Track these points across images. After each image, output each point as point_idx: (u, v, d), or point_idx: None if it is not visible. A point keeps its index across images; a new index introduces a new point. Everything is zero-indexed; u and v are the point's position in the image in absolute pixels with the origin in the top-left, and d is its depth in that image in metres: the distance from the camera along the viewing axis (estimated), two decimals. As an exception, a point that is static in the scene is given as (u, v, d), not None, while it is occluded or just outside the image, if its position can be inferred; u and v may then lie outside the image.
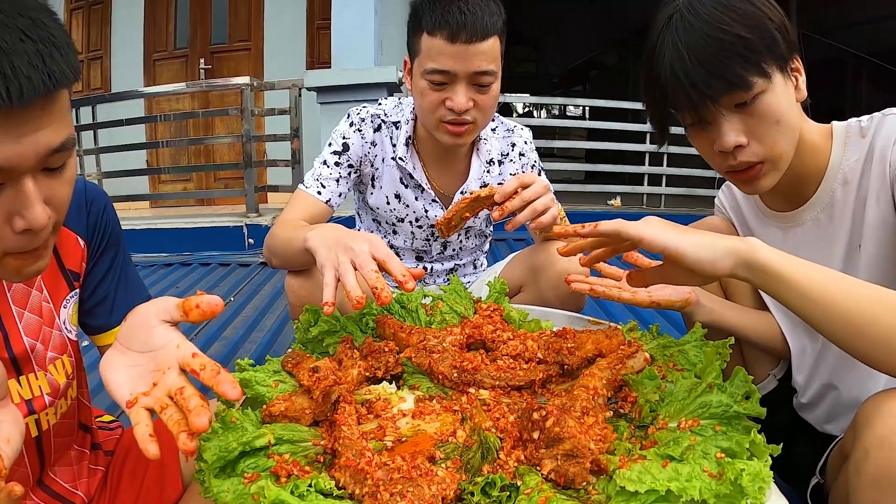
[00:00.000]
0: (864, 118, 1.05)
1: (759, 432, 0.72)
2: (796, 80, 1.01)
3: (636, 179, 5.95)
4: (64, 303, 0.96)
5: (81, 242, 0.98)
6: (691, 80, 0.95)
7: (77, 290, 0.98)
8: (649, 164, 5.79)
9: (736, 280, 1.26)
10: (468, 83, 1.39)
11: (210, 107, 6.38)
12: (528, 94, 10.09)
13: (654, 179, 5.83)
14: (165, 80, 6.66)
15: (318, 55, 6.34)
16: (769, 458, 0.68)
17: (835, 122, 1.09)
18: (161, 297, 0.75)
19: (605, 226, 0.93)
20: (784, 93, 0.98)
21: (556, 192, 1.39)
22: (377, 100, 1.67)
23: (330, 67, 4.80)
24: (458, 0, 1.35)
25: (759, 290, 1.24)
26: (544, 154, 8.10)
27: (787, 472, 1.26)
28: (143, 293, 1.09)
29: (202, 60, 6.56)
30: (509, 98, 5.79)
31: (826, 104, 8.20)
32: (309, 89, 4.59)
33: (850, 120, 1.07)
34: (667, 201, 5.82)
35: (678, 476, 0.65)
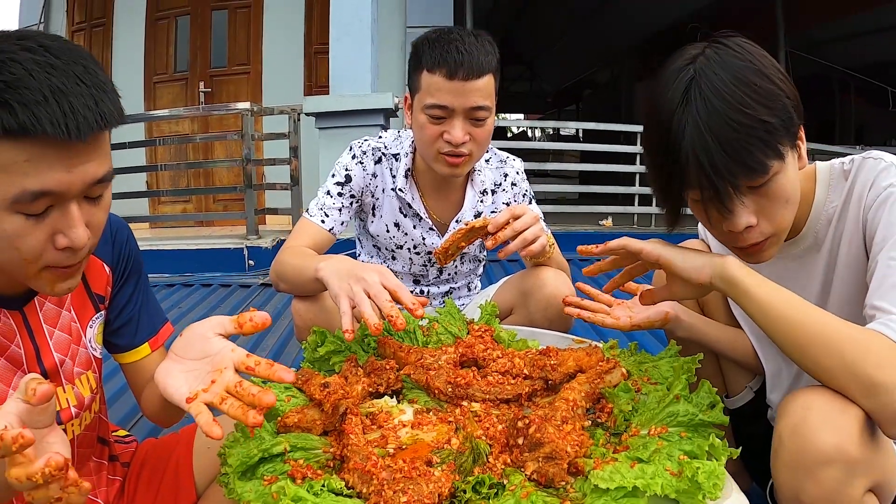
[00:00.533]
0: (847, 160, 1.07)
1: (722, 439, 0.81)
2: (799, 148, 1.00)
3: (627, 199, 5.92)
4: (90, 323, 1.03)
5: (107, 269, 1.05)
6: (713, 164, 0.92)
7: (102, 312, 1.05)
8: (639, 185, 5.76)
9: (711, 300, 1.36)
10: (465, 117, 1.46)
11: (209, 129, 6.40)
12: (521, 116, 10.22)
13: (645, 199, 5.77)
14: (165, 102, 6.68)
15: (316, 79, 6.40)
16: (724, 458, 0.77)
17: (818, 164, 1.11)
18: (213, 316, 0.86)
19: (613, 243, 1.12)
20: (793, 168, 0.98)
21: (549, 214, 1.46)
22: (374, 125, 1.75)
23: (327, 91, 4.80)
24: (456, 41, 1.43)
25: (734, 311, 1.33)
26: (538, 175, 8.13)
27: (762, 479, 1.34)
28: (162, 315, 1.15)
29: (202, 83, 6.59)
30: (504, 123, 5.82)
31: (816, 119, 8.25)
32: (307, 114, 4.60)
33: (832, 161, 1.10)
34: (657, 220, 5.77)
35: (644, 475, 0.73)
